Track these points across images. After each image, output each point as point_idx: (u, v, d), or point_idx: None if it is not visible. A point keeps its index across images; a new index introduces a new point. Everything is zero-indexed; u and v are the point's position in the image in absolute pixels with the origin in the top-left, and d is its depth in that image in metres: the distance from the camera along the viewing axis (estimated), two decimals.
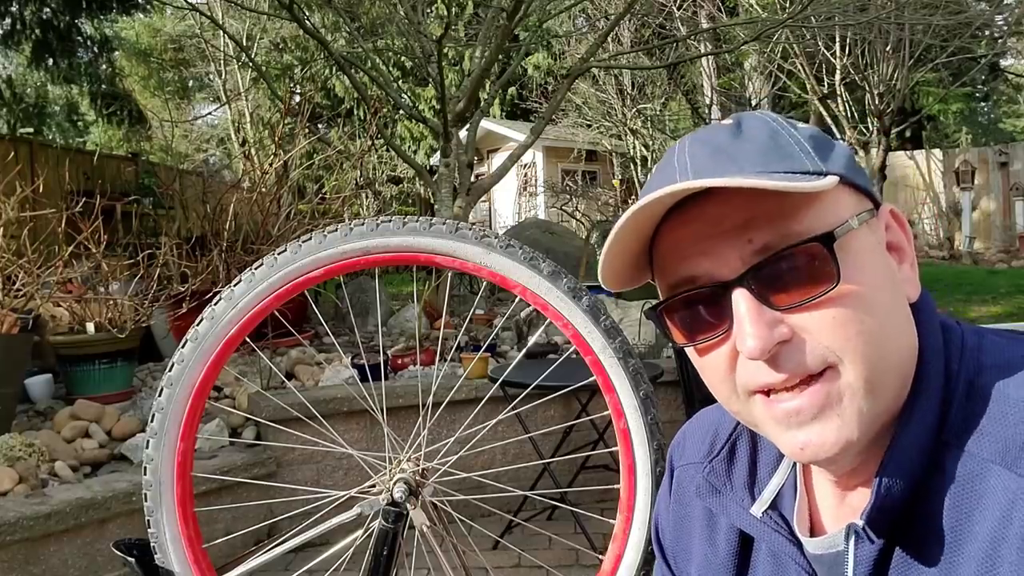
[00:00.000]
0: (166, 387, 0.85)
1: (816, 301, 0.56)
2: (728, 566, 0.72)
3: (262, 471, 3.28)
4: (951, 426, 0.57)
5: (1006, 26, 11.61)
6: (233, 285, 0.85)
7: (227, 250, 4.69)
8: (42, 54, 10.67)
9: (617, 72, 16.57)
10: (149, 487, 0.86)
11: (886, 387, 0.57)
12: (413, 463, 0.91)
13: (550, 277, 0.82)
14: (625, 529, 0.85)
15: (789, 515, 0.67)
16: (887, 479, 0.56)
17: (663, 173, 0.63)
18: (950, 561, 0.54)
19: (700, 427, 0.79)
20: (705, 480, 0.73)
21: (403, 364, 4.11)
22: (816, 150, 0.60)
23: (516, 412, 3.25)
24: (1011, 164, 13.65)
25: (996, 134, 21.72)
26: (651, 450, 0.83)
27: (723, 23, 11.54)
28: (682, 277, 0.61)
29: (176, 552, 0.89)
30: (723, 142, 0.62)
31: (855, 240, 0.58)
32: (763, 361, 0.57)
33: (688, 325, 0.62)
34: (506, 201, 18.24)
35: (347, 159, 7.47)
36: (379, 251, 0.84)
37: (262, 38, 15.13)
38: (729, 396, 0.62)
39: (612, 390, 0.83)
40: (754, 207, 0.57)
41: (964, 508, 0.54)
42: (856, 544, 0.59)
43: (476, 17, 10.62)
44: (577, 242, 8.09)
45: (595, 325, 0.82)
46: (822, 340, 0.56)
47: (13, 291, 3.56)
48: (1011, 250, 12.50)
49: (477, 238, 0.81)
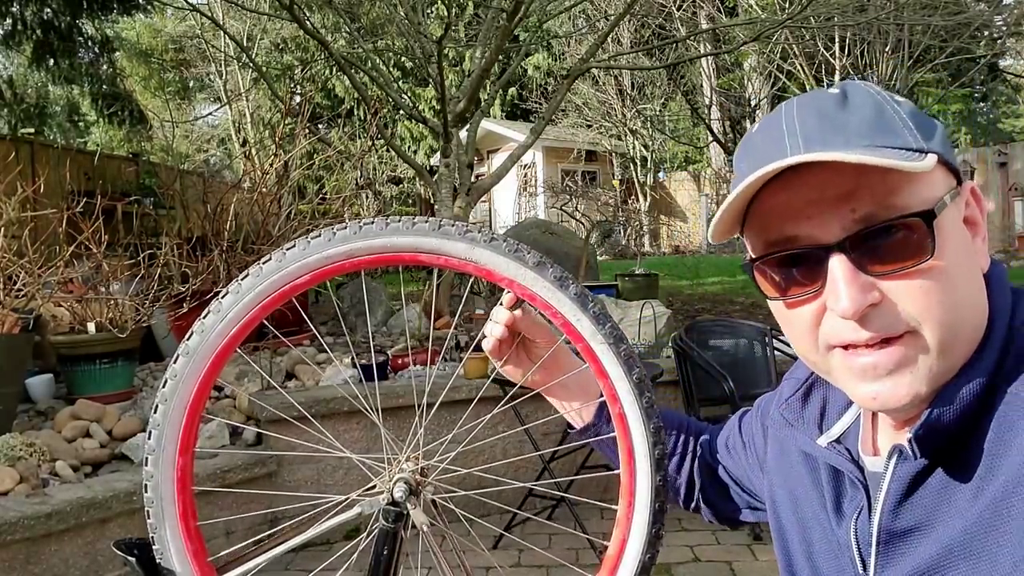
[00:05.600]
0: (160, 403, 0.85)
1: (908, 271, 0.61)
2: (802, 469, 0.81)
3: (262, 471, 3.28)
4: (1005, 373, 0.62)
5: (1005, 26, 11.61)
6: (221, 297, 0.85)
7: (228, 250, 4.70)
8: (43, 54, 10.67)
9: (617, 73, 16.57)
10: (151, 504, 0.87)
11: (957, 349, 0.63)
12: (413, 463, 0.91)
13: (536, 268, 0.83)
14: (628, 514, 0.85)
15: (852, 449, 0.75)
16: (938, 408, 0.62)
17: (770, 137, 0.66)
18: (982, 482, 0.60)
19: (789, 376, 0.89)
20: (780, 415, 0.83)
21: (403, 364, 4.12)
22: (918, 128, 0.64)
23: (513, 405, 3.26)
24: (1010, 164, 13.66)
25: (995, 134, 21.70)
26: (648, 432, 0.83)
27: (723, 23, 11.55)
28: (783, 236, 0.65)
29: (182, 567, 0.90)
30: (831, 111, 0.64)
31: (945, 216, 0.62)
32: (854, 321, 0.62)
33: (782, 280, 0.67)
34: (506, 201, 18.24)
35: (347, 159, 7.48)
36: (363, 253, 0.84)
37: (262, 38, 15.14)
38: (809, 349, 0.67)
39: (605, 375, 0.84)
40: (859, 179, 0.61)
41: (1003, 441, 0.60)
42: (898, 462, 0.66)
43: (476, 18, 10.62)
44: (577, 242, 8.09)
45: (583, 312, 0.83)
46: (907, 306, 0.61)
47: (14, 291, 3.57)
48: (1010, 250, 12.51)
49: (460, 234, 0.82)
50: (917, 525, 0.65)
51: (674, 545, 3.23)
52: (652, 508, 0.85)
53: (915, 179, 0.61)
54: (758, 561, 3.12)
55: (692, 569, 3.09)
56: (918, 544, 0.65)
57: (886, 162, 0.57)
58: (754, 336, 3.91)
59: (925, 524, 0.65)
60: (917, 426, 0.63)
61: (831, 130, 0.63)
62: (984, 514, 0.60)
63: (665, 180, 19.88)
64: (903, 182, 0.61)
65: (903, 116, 0.64)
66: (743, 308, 6.89)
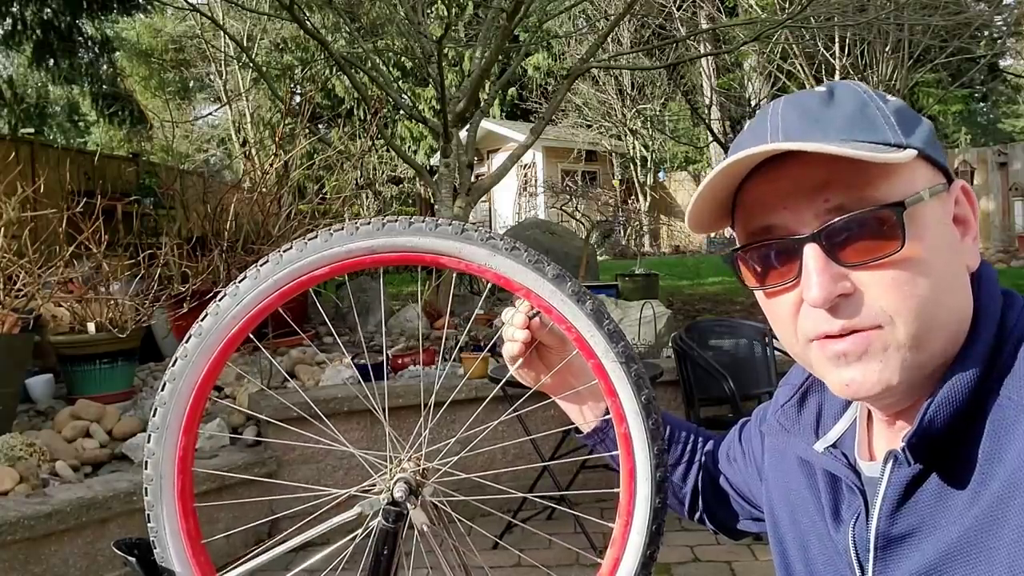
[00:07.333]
0: (169, 381, 0.85)
1: (879, 262, 0.62)
2: (798, 474, 0.82)
3: (263, 470, 3.28)
4: (997, 375, 0.62)
5: (1005, 26, 11.61)
6: (238, 282, 0.85)
7: (228, 250, 4.70)
8: (43, 54, 10.67)
9: (617, 73, 16.57)
10: (150, 481, 0.86)
11: (932, 343, 0.63)
12: (413, 463, 0.91)
13: (554, 280, 0.82)
14: (624, 533, 0.85)
15: (849, 454, 0.75)
16: (930, 412, 0.62)
17: (756, 130, 0.69)
18: (978, 486, 0.60)
19: (785, 381, 0.89)
20: (776, 421, 0.83)
21: (403, 364, 4.12)
22: (900, 124, 0.64)
23: (517, 414, 3.26)
24: (1010, 164, 13.66)
25: (995, 134, 21.73)
26: (651, 455, 0.83)
27: (723, 23, 11.55)
28: (761, 226, 0.67)
29: (175, 547, 0.89)
30: (814, 107, 0.66)
31: (924, 211, 0.63)
32: (823, 310, 0.63)
33: (761, 270, 0.69)
34: (506, 201, 18.24)
35: (347, 159, 7.47)
36: (384, 251, 0.84)
37: (263, 38, 15.13)
38: (791, 339, 0.69)
39: (614, 395, 0.84)
40: (833, 171, 0.62)
41: (998, 445, 0.60)
42: (893, 468, 0.66)
43: (476, 18, 10.62)
44: (577, 242, 8.09)
45: (598, 329, 0.82)
46: (879, 298, 0.62)
47: (14, 291, 3.57)
48: (1010, 250, 12.50)
49: (483, 240, 0.81)
50: (914, 530, 0.65)
51: (674, 545, 3.23)
52: (649, 530, 0.84)
53: (892, 173, 0.62)
54: (758, 561, 3.12)
55: (692, 569, 3.09)
56: (915, 549, 0.65)
57: (854, 152, 0.58)
58: (754, 336, 3.91)
59: (922, 529, 0.65)
60: (910, 434, 0.63)
61: (811, 125, 0.65)
62: (981, 518, 0.59)
63: (665, 180, 19.89)
64: (879, 176, 0.62)
65: (886, 113, 0.65)
66: (743, 308, 6.89)
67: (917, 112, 0.69)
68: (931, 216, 0.64)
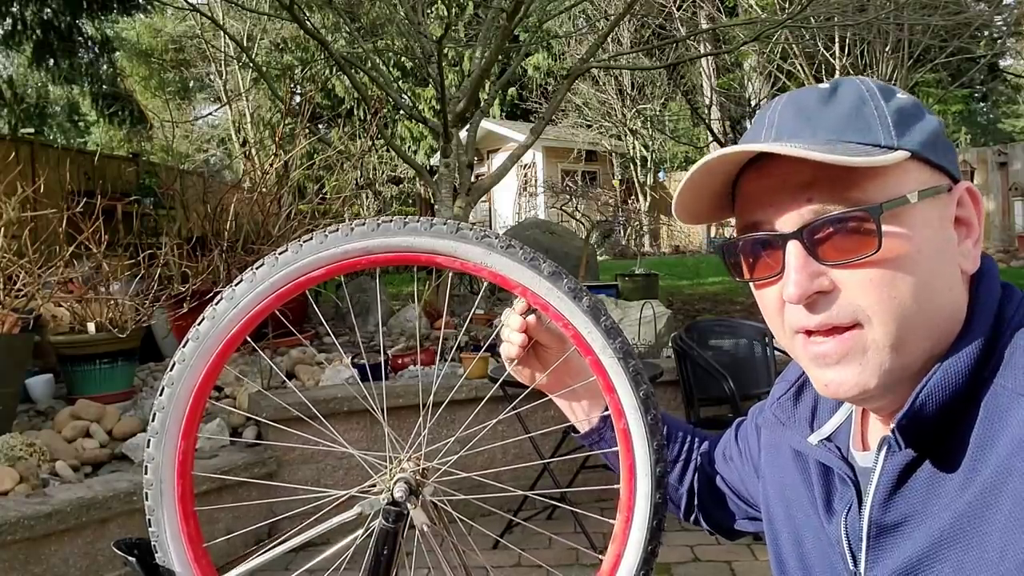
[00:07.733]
0: (167, 386, 0.85)
1: (857, 263, 0.62)
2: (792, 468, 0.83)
3: (263, 471, 3.28)
4: (992, 365, 0.63)
5: (1005, 26, 11.62)
6: (234, 284, 0.85)
7: (228, 250, 4.70)
8: (43, 54, 10.67)
9: (617, 73, 16.57)
10: (150, 486, 0.86)
11: (912, 346, 0.64)
12: (413, 462, 0.91)
13: (551, 278, 0.82)
14: (624, 529, 0.84)
15: (843, 447, 0.76)
16: (923, 395, 0.62)
17: (756, 125, 0.71)
18: (970, 472, 0.61)
19: (781, 378, 0.90)
20: (773, 414, 0.84)
21: (403, 364, 4.12)
22: (896, 124, 0.64)
23: (516, 412, 3.26)
24: (1010, 164, 13.65)
25: (995, 134, 21.74)
26: (651, 450, 0.83)
27: (723, 23, 11.55)
28: (750, 221, 0.69)
29: (176, 550, 0.89)
30: (811, 105, 0.67)
31: (911, 213, 0.63)
32: (802, 306, 0.65)
33: (749, 263, 0.71)
34: (506, 201, 18.24)
35: (347, 159, 7.47)
36: (380, 251, 0.84)
37: (262, 38, 15.13)
38: (779, 330, 0.71)
39: (612, 390, 0.84)
40: (818, 171, 0.62)
41: (990, 432, 0.60)
42: (887, 455, 0.67)
43: (476, 18, 10.61)
44: (577, 242, 8.09)
45: (595, 325, 0.82)
46: (856, 298, 0.63)
47: (14, 291, 3.57)
48: (1010, 250, 12.50)
49: (478, 238, 0.81)
50: (907, 518, 0.66)
51: (674, 545, 3.23)
52: (650, 526, 0.84)
53: (878, 175, 0.62)
54: (758, 561, 3.12)
55: (692, 569, 3.09)
56: (908, 536, 0.66)
57: (823, 157, 0.59)
58: (754, 336, 3.91)
59: (914, 516, 0.65)
60: (900, 416, 0.63)
61: (803, 124, 0.66)
62: (972, 504, 0.60)
63: (665, 180, 19.88)
64: (865, 177, 0.62)
65: (883, 112, 0.65)
66: (743, 308, 6.89)
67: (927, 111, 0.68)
68: (920, 218, 0.63)
